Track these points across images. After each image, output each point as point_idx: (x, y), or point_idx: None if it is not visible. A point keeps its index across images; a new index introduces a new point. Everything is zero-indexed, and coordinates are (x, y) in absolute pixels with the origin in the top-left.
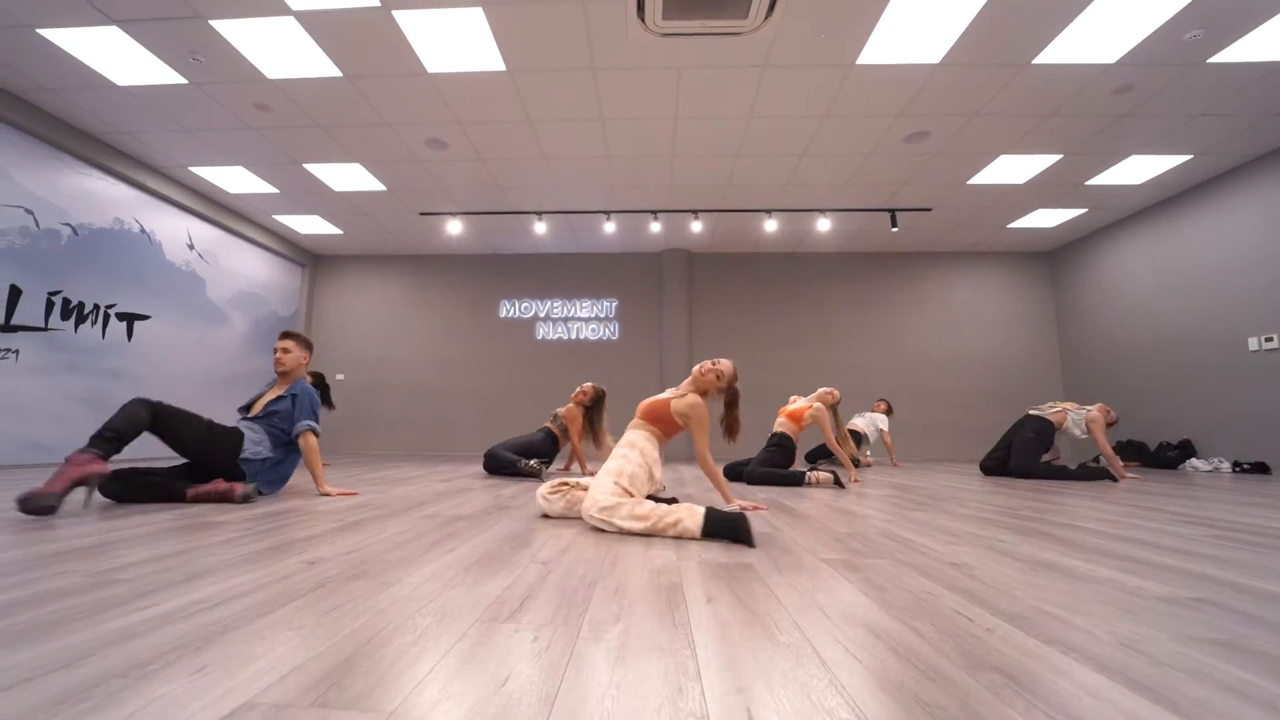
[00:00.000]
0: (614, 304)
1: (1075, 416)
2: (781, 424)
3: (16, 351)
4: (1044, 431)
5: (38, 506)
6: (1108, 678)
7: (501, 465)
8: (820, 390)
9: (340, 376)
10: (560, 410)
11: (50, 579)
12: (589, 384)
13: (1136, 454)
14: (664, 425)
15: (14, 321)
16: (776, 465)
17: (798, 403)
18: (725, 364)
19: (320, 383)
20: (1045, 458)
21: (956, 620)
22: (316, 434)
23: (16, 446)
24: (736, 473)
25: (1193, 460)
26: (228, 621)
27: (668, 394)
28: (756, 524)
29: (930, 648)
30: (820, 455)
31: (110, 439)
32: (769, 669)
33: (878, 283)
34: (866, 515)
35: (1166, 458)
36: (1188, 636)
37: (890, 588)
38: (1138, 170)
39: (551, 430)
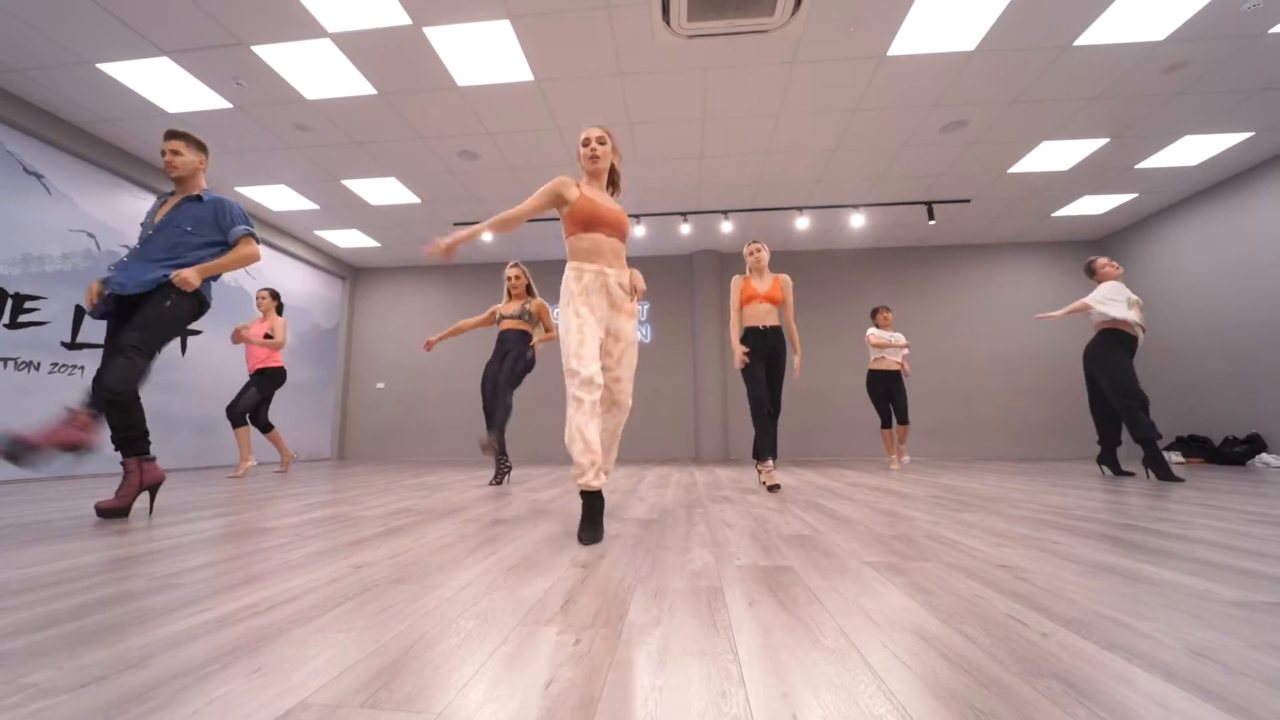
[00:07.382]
0: (645, 307)
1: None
2: (766, 312)
3: (82, 368)
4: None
5: (112, 514)
6: (1176, 686)
7: (492, 408)
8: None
9: (380, 385)
10: (531, 306)
11: (119, 583)
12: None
13: (1200, 449)
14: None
15: (79, 340)
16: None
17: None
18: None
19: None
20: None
21: (1009, 625)
22: (255, 239)
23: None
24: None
25: (1263, 455)
26: (281, 624)
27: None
28: (794, 525)
29: (982, 653)
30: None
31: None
32: (814, 674)
33: (915, 277)
34: (911, 517)
35: (1233, 453)
36: (1267, 644)
37: (938, 591)
38: (1193, 151)
39: (526, 331)
